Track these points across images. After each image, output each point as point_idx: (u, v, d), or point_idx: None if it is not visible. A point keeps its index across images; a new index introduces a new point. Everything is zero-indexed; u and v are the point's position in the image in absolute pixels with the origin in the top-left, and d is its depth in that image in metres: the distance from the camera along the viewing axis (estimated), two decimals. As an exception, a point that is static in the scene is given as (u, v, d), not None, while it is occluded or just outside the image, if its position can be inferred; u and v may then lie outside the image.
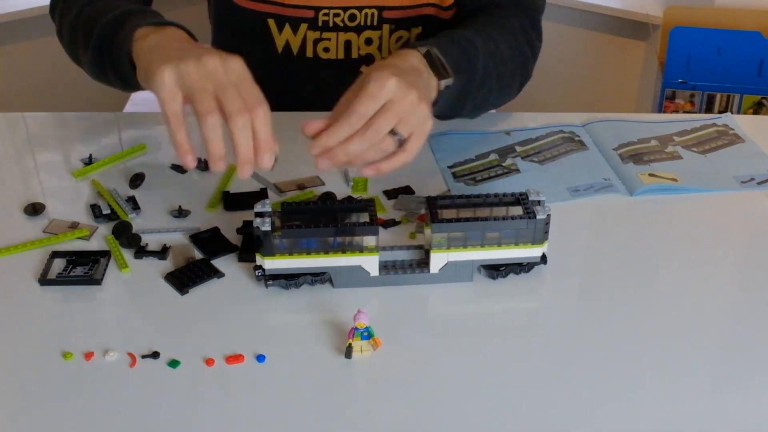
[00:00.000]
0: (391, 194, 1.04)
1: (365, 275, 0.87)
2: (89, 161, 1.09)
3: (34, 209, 0.99)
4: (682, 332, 0.84)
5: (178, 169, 1.08)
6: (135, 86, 0.96)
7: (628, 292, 0.89)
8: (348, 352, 0.79)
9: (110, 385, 0.76)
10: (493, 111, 1.47)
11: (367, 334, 0.78)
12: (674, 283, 0.92)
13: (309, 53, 1.22)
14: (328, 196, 1.02)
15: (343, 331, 0.81)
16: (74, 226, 0.97)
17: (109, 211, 0.98)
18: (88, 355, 0.79)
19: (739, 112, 2.14)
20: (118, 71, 0.98)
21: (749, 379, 0.79)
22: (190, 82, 0.82)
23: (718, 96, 2.15)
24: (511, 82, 1.12)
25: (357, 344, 0.79)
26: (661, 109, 2.16)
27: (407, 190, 1.05)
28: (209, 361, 0.78)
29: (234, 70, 0.84)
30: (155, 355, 0.79)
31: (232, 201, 1.02)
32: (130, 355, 0.79)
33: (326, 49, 1.22)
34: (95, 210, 0.98)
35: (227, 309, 0.86)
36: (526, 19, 1.16)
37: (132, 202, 1.00)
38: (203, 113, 0.81)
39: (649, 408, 0.75)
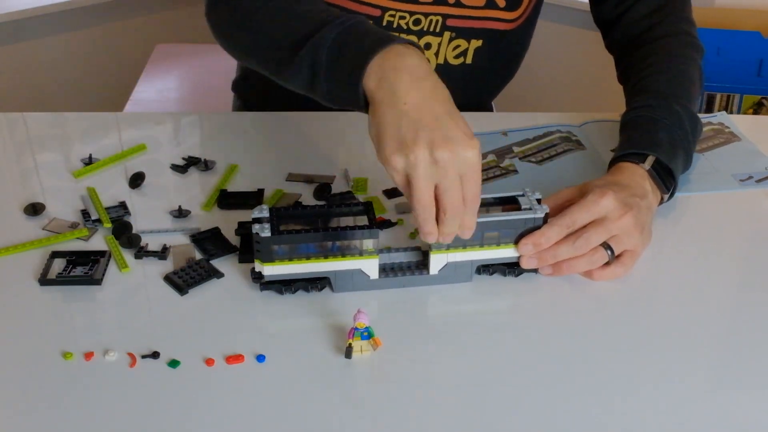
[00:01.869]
0: (390, 193, 1.04)
1: (365, 278, 0.87)
2: (89, 161, 1.09)
3: (34, 209, 0.99)
4: (681, 332, 0.84)
5: (178, 169, 1.08)
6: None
7: (627, 292, 0.89)
8: (348, 352, 0.79)
9: (110, 385, 0.76)
10: (490, 111, 1.47)
11: (367, 334, 0.78)
12: (673, 282, 0.92)
13: None
14: (323, 188, 1.03)
15: (343, 332, 0.81)
16: (74, 226, 0.97)
17: (97, 216, 0.98)
18: (88, 355, 0.79)
19: (739, 112, 2.14)
20: (335, 97, 0.90)
21: (749, 379, 0.79)
22: (415, 171, 0.78)
23: (718, 96, 2.15)
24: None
25: (357, 344, 0.79)
26: (660, 109, 2.16)
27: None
28: (209, 361, 0.78)
29: (465, 163, 0.79)
30: (155, 355, 0.79)
31: (229, 200, 1.02)
32: (130, 355, 0.79)
33: None
34: (85, 215, 0.98)
35: (227, 309, 0.86)
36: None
37: (123, 207, 1.00)
38: (418, 202, 0.80)
39: (648, 408, 0.75)
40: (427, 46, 1.21)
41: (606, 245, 0.89)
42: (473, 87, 1.26)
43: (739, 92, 2.13)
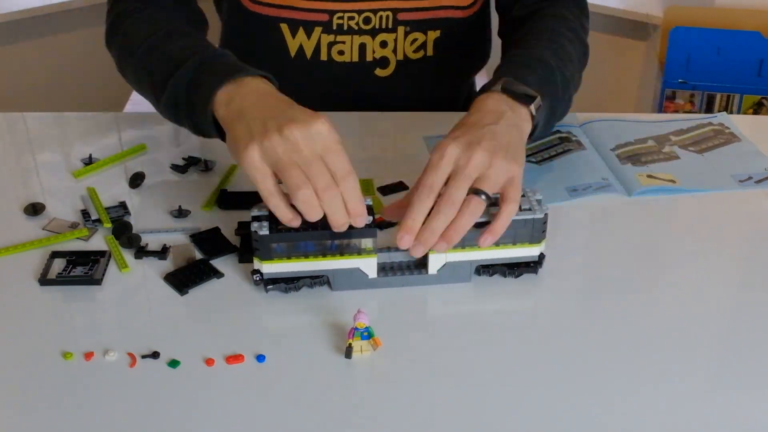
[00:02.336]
0: (384, 190, 1.04)
1: (364, 277, 0.87)
2: (89, 161, 1.09)
3: (34, 209, 0.99)
4: (681, 332, 0.84)
5: (178, 169, 1.08)
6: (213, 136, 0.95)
7: (626, 293, 0.89)
8: (348, 352, 0.79)
9: (110, 385, 0.76)
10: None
11: (367, 334, 0.78)
12: (673, 283, 0.92)
13: (323, 57, 1.21)
14: None
15: (343, 332, 0.81)
16: (74, 226, 0.97)
17: (97, 216, 0.98)
18: (88, 355, 0.79)
19: (739, 112, 2.14)
20: (199, 132, 0.96)
21: (749, 379, 0.79)
22: (276, 158, 0.81)
23: (718, 96, 2.15)
24: (581, 74, 1.12)
25: (357, 344, 0.79)
26: (661, 109, 2.16)
27: (401, 186, 1.05)
28: (209, 361, 0.78)
29: (318, 137, 0.81)
30: (155, 355, 0.79)
31: (229, 200, 1.02)
32: (130, 355, 0.79)
33: (341, 52, 1.21)
34: (85, 215, 0.98)
35: (227, 309, 0.86)
36: (575, 7, 1.17)
37: (123, 207, 1.00)
38: (293, 189, 0.80)
39: (648, 408, 0.75)
40: (383, 44, 1.20)
41: (475, 190, 0.84)
42: (439, 80, 1.25)
43: (739, 92, 2.13)
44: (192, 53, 0.95)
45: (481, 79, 1.28)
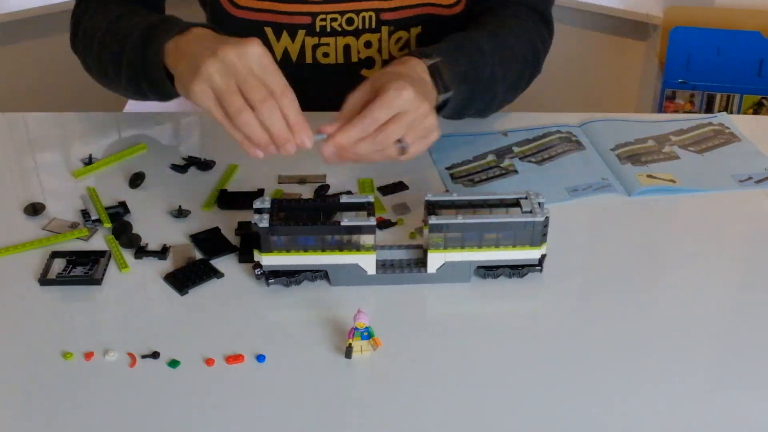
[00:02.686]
0: (384, 190, 1.04)
1: (362, 273, 0.87)
2: (89, 161, 1.09)
3: (34, 209, 0.99)
4: (681, 332, 0.84)
5: (178, 169, 1.08)
6: (176, 96, 1.00)
7: (626, 293, 0.89)
8: (348, 352, 0.79)
9: (110, 385, 0.76)
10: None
11: (367, 334, 0.78)
12: (673, 283, 0.92)
13: (308, 59, 1.21)
14: (323, 188, 1.03)
15: (343, 331, 0.81)
16: (74, 226, 0.97)
17: (97, 217, 0.98)
18: (88, 355, 0.79)
19: (739, 112, 2.14)
20: (160, 91, 1.00)
21: (749, 379, 0.79)
22: (215, 85, 0.84)
23: (718, 96, 2.15)
24: (521, 80, 1.14)
25: (357, 344, 0.79)
26: (661, 109, 2.16)
27: (401, 186, 1.05)
28: (209, 361, 0.78)
29: (252, 56, 0.84)
30: (155, 355, 0.79)
31: (229, 200, 1.02)
32: (130, 355, 0.79)
33: (325, 54, 1.21)
34: (85, 215, 0.98)
35: (227, 309, 0.86)
36: (536, 14, 1.18)
37: (123, 207, 1.00)
38: (233, 114, 0.83)
39: (648, 408, 0.75)
40: (368, 44, 1.21)
41: (398, 140, 0.88)
42: None
43: (739, 92, 2.13)
44: (139, 22, 1.01)
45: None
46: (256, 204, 0.86)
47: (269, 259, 0.85)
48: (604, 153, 1.14)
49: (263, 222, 0.83)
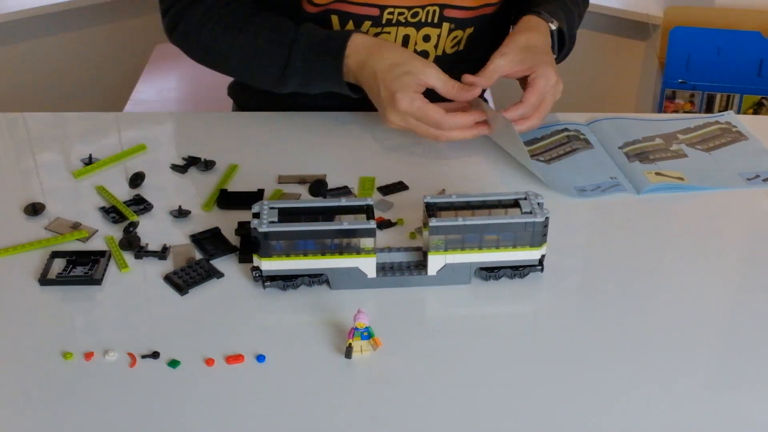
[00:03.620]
0: (384, 191, 1.04)
1: (363, 277, 0.87)
2: (89, 161, 1.09)
3: (34, 209, 0.99)
4: (681, 332, 0.84)
5: (178, 169, 1.08)
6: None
7: (630, 293, 0.89)
8: (348, 352, 0.79)
9: (110, 385, 0.76)
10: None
11: (367, 334, 0.78)
12: (676, 283, 0.92)
13: None
14: (319, 184, 1.03)
15: (343, 331, 0.81)
16: (76, 226, 0.97)
17: (117, 216, 0.98)
18: (88, 355, 0.79)
19: (739, 112, 2.13)
20: (328, 92, 1.16)
21: (749, 379, 0.79)
22: (402, 126, 1.08)
23: (718, 96, 2.14)
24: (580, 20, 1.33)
25: (357, 344, 0.79)
26: (661, 109, 2.16)
27: (401, 186, 1.05)
28: (209, 361, 0.78)
29: (417, 106, 1.06)
30: (155, 355, 0.79)
31: (229, 200, 1.02)
32: (130, 355, 0.79)
33: None
34: (108, 211, 0.99)
35: (227, 309, 0.86)
36: None
37: (143, 201, 1.01)
38: (424, 135, 1.08)
39: (648, 408, 0.75)
40: (426, 38, 1.22)
41: None
42: (461, 72, 1.28)
43: (739, 92, 2.13)
44: (286, 39, 1.14)
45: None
46: (254, 208, 0.86)
47: (269, 264, 0.85)
48: (612, 151, 1.14)
49: (263, 227, 0.83)
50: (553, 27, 1.18)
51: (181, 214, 0.99)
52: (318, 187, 1.03)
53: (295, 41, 1.12)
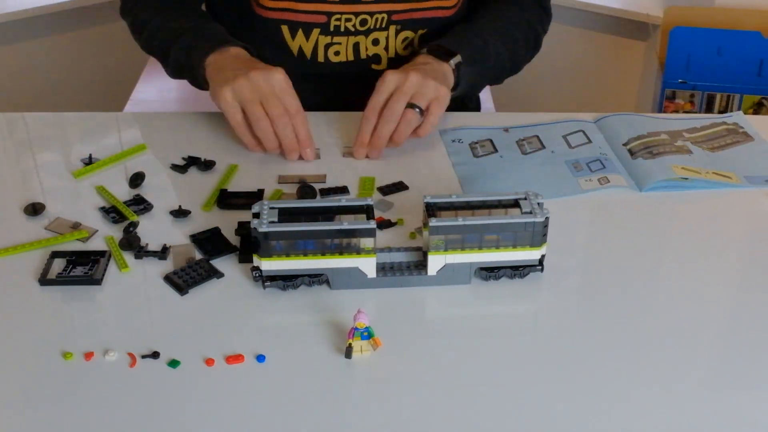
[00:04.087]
0: (384, 191, 1.04)
1: (363, 277, 0.87)
2: (89, 161, 1.09)
3: (34, 209, 0.99)
4: (681, 332, 0.84)
5: (178, 168, 1.08)
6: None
7: (630, 293, 0.89)
8: (348, 352, 0.79)
9: (110, 385, 0.76)
10: (493, 111, 1.48)
11: (367, 334, 0.78)
12: (681, 282, 0.92)
13: (320, 58, 1.25)
14: (306, 190, 1.03)
15: (343, 331, 0.81)
16: (76, 226, 0.97)
17: (117, 216, 0.98)
18: (88, 355, 0.79)
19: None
20: (195, 84, 1.19)
21: (749, 379, 0.79)
22: (242, 96, 1.04)
23: (718, 96, 2.14)
24: (523, 59, 1.30)
25: (357, 344, 0.79)
26: (661, 109, 2.16)
27: (401, 186, 1.05)
28: (209, 361, 0.78)
29: (276, 82, 1.05)
30: (155, 355, 0.79)
31: (229, 200, 1.02)
32: (130, 355, 0.79)
33: (336, 53, 1.25)
34: (108, 212, 0.99)
35: (227, 309, 0.86)
36: (536, 4, 1.31)
37: (142, 201, 1.01)
38: (254, 121, 1.05)
39: (648, 408, 0.75)
40: (375, 41, 1.25)
41: (410, 104, 1.07)
42: None
43: (739, 92, 2.13)
44: (186, 30, 1.18)
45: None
46: (254, 208, 0.86)
47: (269, 264, 0.85)
48: (616, 148, 1.14)
49: (263, 227, 0.83)
50: (425, 51, 1.15)
51: (181, 214, 0.99)
52: (305, 192, 1.03)
53: (186, 30, 1.18)
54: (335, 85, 1.27)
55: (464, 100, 1.38)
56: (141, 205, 1.00)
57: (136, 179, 1.05)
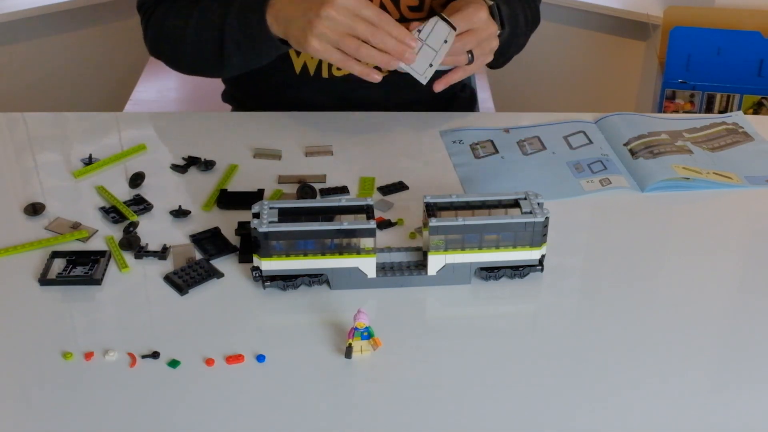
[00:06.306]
0: (384, 191, 1.04)
1: (363, 277, 0.87)
2: (89, 161, 1.09)
3: (34, 209, 0.99)
4: (681, 332, 0.84)
5: (178, 168, 1.08)
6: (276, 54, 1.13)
7: (631, 293, 0.89)
8: (348, 352, 0.79)
9: (110, 385, 0.76)
10: (493, 111, 1.48)
11: (367, 334, 0.78)
12: (681, 282, 0.92)
13: (325, 74, 1.24)
14: (305, 189, 1.03)
15: (343, 331, 0.81)
16: (76, 226, 0.97)
17: (117, 216, 0.98)
18: (88, 355, 0.79)
19: (738, 113, 2.13)
20: (256, 56, 1.13)
21: (749, 379, 0.79)
22: (328, 38, 1.01)
23: (718, 96, 2.14)
24: (532, 27, 1.28)
25: (357, 344, 0.79)
26: (661, 109, 2.16)
27: (401, 186, 1.05)
28: (209, 361, 0.78)
29: (343, 5, 1.00)
30: (155, 355, 0.79)
31: (229, 200, 1.02)
32: (130, 355, 0.79)
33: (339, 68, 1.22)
34: (108, 211, 0.99)
35: (227, 309, 0.86)
36: None
37: (143, 201, 1.01)
38: (353, 53, 1.01)
39: (648, 408, 0.75)
40: None
41: (469, 52, 1.06)
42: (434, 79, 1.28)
43: (739, 92, 2.13)
44: (222, 12, 1.13)
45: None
46: (254, 208, 0.86)
47: (269, 264, 0.85)
48: (617, 148, 1.14)
49: (263, 227, 0.83)
50: (490, 2, 1.11)
51: (181, 214, 0.99)
52: (305, 192, 1.03)
53: (227, 13, 1.12)
54: (340, 86, 1.26)
55: (454, 89, 1.36)
56: (141, 205, 1.00)
57: (136, 179, 1.05)
